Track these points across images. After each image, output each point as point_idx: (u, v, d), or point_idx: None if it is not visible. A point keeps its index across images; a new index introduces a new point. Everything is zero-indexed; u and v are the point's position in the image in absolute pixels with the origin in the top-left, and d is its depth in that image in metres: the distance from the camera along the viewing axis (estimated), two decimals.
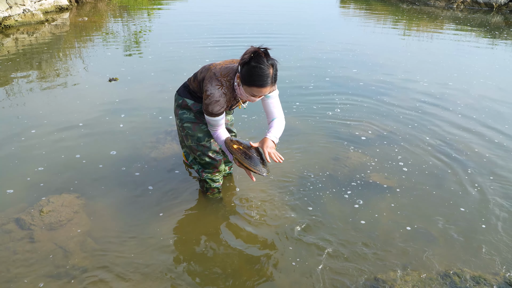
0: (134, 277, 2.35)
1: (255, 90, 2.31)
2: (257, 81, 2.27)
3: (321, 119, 4.51)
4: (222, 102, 2.46)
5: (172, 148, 3.72)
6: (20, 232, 2.64)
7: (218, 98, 2.44)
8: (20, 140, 3.81)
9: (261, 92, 2.33)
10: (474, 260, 2.56)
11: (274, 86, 2.52)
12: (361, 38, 9.24)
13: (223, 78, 2.45)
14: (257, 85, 2.28)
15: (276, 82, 2.40)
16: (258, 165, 2.46)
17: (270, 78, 2.28)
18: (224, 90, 2.45)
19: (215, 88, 2.43)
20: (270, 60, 2.27)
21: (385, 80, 5.98)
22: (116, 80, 5.53)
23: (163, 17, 11.37)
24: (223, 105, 2.48)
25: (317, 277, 2.39)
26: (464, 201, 3.14)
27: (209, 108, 2.46)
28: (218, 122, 2.55)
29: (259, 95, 2.38)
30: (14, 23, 8.64)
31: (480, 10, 14.10)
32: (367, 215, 2.95)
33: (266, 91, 2.35)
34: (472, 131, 4.34)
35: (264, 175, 2.48)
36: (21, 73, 5.77)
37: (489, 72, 6.67)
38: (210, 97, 2.43)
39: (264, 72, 2.24)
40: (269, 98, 2.58)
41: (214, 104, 2.44)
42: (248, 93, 2.37)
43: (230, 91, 2.48)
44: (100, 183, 3.22)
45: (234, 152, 2.47)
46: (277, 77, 2.37)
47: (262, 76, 2.25)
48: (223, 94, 2.45)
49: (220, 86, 2.44)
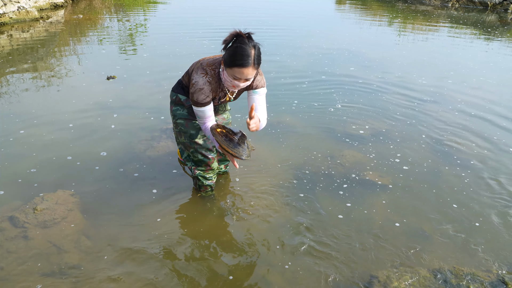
0: (128, 275, 2.35)
1: (236, 71, 2.26)
2: (238, 60, 2.22)
3: (316, 117, 4.52)
4: (206, 91, 2.43)
5: (167, 146, 3.71)
6: (14, 230, 2.63)
7: (202, 86, 2.41)
8: (13, 137, 3.78)
9: (242, 73, 2.27)
10: (467, 257, 2.58)
11: (259, 73, 2.52)
12: (357, 36, 9.25)
13: (208, 67, 2.45)
14: (238, 65, 2.24)
15: (260, 66, 2.34)
16: (237, 147, 2.38)
17: (251, 59, 2.23)
18: (209, 79, 2.43)
19: (200, 76, 2.43)
20: (252, 42, 2.25)
21: (380, 78, 5.99)
22: (114, 78, 5.51)
23: (159, 14, 11.33)
24: (208, 94, 2.44)
25: (311, 275, 2.39)
26: (459, 199, 3.16)
27: (194, 97, 2.44)
28: (205, 113, 2.50)
29: (242, 78, 2.31)
30: (9, 20, 8.58)
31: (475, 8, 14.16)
32: (362, 213, 2.96)
33: (249, 73, 2.28)
34: (468, 128, 4.36)
35: (243, 158, 2.38)
36: (15, 70, 5.74)
37: (484, 70, 6.70)
38: (195, 85, 2.42)
39: (245, 51, 2.21)
40: (255, 93, 2.55)
41: (198, 93, 2.42)
42: (230, 76, 2.31)
43: (216, 80, 2.46)
44: (94, 181, 3.21)
45: (216, 134, 2.39)
46: (261, 61, 2.32)
47: (243, 55, 2.21)
48: (207, 82, 2.42)
49: (205, 75, 2.43)
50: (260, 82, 2.55)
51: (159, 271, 2.39)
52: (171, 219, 2.83)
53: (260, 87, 2.57)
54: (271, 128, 4.17)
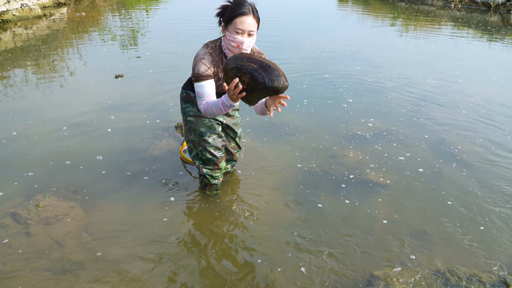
0: (130, 272, 2.35)
1: (237, 22, 2.33)
2: (237, 9, 2.33)
3: (319, 116, 4.52)
4: (206, 61, 2.47)
5: (169, 144, 3.71)
6: (16, 227, 2.64)
7: (202, 56, 2.47)
8: (16, 133, 3.79)
9: (244, 22, 2.33)
10: (469, 258, 2.58)
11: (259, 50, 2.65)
12: (359, 36, 9.24)
13: (210, 42, 2.56)
14: (238, 14, 2.32)
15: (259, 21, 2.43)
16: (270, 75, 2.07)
17: (250, 8, 2.36)
18: (209, 50, 2.50)
19: (201, 49, 2.52)
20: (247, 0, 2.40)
21: (383, 78, 5.99)
22: (122, 76, 5.51)
23: (161, 13, 11.34)
24: (209, 65, 2.47)
25: (312, 275, 2.40)
26: (461, 200, 3.16)
27: (195, 69, 2.47)
28: (204, 89, 2.45)
29: (245, 30, 2.35)
30: (12, 17, 8.60)
31: (478, 9, 14.13)
32: (363, 213, 2.97)
33: (250, 23, 2.35)
34: (471, 129, 4.35)
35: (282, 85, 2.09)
36: (18, 68, 5.75)
37: (487, 70, 6.69)
38: (196, 57, 2.49)
39: (243, 2, 2.36)
40: None
41: (199, 63, 2.46)
42: (233, 31, 2.36)
43: (217, 53, 2.52)
44: (95, 178, 3.21)
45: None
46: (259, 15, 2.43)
47: (241, 4, 2.34)
48: (208, 53, 2.49)
49: (206, 47, 2.52)
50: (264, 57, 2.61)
51: (161, 269, 2.39)
52: (174, 217, 2.83)
53: None
54: (273, 127, 4.18)
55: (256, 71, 2.08)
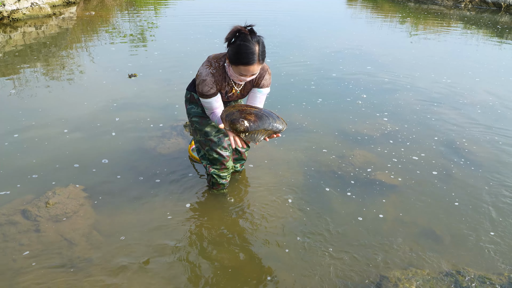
0: (138, 270, 2.36)
1: (242, 69, 2.29)
2: (243, 59, 2.23)
3: (328, 115, 4.51)
4: (209, 82, 2.43)
5: (178, 142, 3.73)
6: (26, 223, 2.67)
7: (204, 77, 2.43)
8: (26, 132, 3.83)
9: (248, 70, 2.29)
10: (478, 259, 2.56)
11: (268, 72, 2.55)
12: (368, 36, 9.20)
13: (213, 60, 2.48)
14: (243, 63, 2.25)
15: (265, 60, 2.35)
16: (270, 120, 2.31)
17: (256, 56, 2.24)
18: (212, 70, 2.44)
19: (204, 67, 2.46)
20: (255, 37, 2.24)
21: (393, 78, 5.96)
22: (135, 76, 5.53)
23: (170, 12, 11.37)
24: (211, 85, 2.44)
25: (321, 275, 2.39)
26: (470, 201, 3.13)
27: (199, 88, 2.46)
28: (211, 104, 2.50)
29: (248, 74, 2.34)
30: (22, 16, 8.67)
31: (488, 9, 14.01)
32: (372, 213, 2.95)
33: (254, 70, 2.31)
34: (481, 130, 4.31)
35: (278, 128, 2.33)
36: (28, 67, 5.80)
37: (499, 70, 6.62)
38: (199, 76, 2.46)
39: (249, 49, 2.21)
40: (260, 92, 2.58)
41: (202, 84, 2.44)
42: (236, 73, 2.34)
43: (220, 73, 2.46)
44: (104, 176, 3.23)
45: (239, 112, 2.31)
46: (265, 55, 2.32)
47: (247, 53, 2.22)
48: (210, 73, 2.43)
49: (209, 66, 2.45)
50: (266, 81, 2.57)
51: (169, 266, 2.40)
52: (182, 216, 2.84)
53: (265, 87, 2.60)
54: None
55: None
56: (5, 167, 3.28)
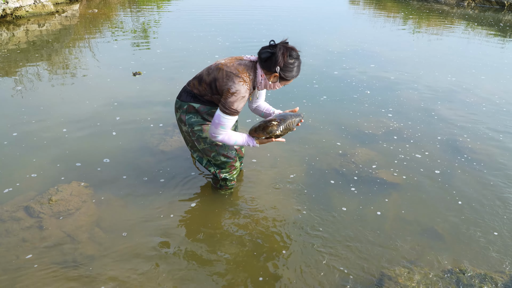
0: (141, 268, 2.37)
1: (290, 81, 2.50)
2: (296, 74, 2.47)
3: (330, 113, 4.50)
4: (246, 98, 2.45)
5: (180, 140, 3.73)
6: (29, 220, 2.68)
7: (244, 94, 2.41)
8: (29, 129, 3.84)
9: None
10: (480, 258, 2.56)
11: None
12: (371, 34, 9.18)
13: (243, 75, 2.42)
14: (295, 76, 2.49)
15: None
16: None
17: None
18: (248, 86, 2.43)
19: (239, 84, 2.39)
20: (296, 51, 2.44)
21: (396, 76, 5.95)
22: (140, 74, 5.54)
23: (172, 10, 11.37)
24: (246, 101, 2.50)
25: (321, 273, 2.39)
26: (472, 199, 3.13)
27: (234, 105, 2.40)
28: (232, 122, 2.48)
29: None
30: (25, 13, 8.69)
31: (491, 8, 13.96)
32: (373, 211, 2.95)
33: None
34: (483, 129, 4.31)
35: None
36: (31, 65, 5.81)
37: (502, 68, 6.60)
38: (236, 93, 2.38)
39: (300, 64, 2.47)
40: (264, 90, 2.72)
41: (240, 101, 2.41)
42: (282, 85, 2.51)
43: (250, 87, 2.48)
44: (107, 173, 3.24)
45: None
46: None
47: (299, 66, 2.47)
48: (248, 90, 2.43)
49: (244, 82, 2.41)
50: None
51: (171, 264, 2.41)
52: (185, 213, 2.85)
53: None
54: None
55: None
56: (7, 165, 3.29)
